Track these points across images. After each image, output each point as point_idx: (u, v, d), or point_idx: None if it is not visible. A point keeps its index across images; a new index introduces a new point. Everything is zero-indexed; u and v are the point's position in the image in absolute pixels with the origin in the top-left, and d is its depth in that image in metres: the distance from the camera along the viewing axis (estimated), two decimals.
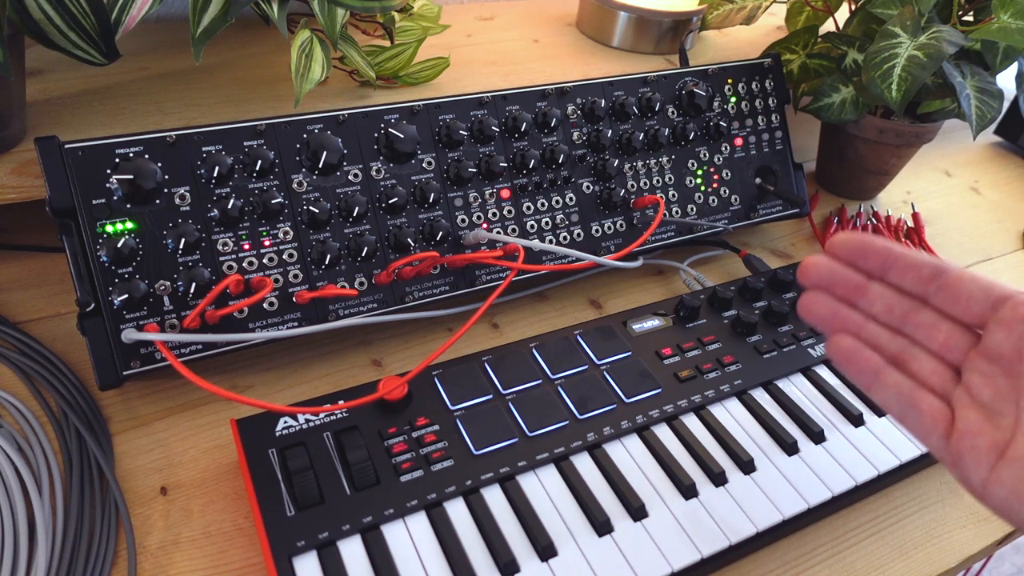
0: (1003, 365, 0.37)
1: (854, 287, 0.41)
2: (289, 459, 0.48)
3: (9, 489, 0.48)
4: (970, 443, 0.37)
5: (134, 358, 0.53)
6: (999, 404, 0.37)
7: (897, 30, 0.69)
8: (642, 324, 0.63)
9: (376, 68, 0.72)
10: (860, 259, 0.41)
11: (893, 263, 0.41)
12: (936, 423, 0.38)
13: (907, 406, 0.39)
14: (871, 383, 0.40)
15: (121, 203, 0.52)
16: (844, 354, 0.41)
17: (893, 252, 0.41)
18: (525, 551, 0.46)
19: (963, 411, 0.38)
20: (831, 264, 0.42)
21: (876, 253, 0.41)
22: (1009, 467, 0.35)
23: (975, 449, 0.36)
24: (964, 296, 0.39)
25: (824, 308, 0.42)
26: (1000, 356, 0.37)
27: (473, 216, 0.64)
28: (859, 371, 0.40)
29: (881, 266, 0.41)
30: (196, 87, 0.71)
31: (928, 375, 0.39)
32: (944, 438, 0.38)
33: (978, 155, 1.09)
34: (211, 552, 0.48)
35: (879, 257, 0.41)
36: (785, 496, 0.52)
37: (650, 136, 0.71)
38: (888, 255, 0.41)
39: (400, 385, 0.52)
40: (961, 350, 0.39)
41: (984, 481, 0.36)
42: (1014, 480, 0.35)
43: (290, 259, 0.57)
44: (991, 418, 0.37)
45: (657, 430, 0.55)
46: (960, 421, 0.37)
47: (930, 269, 0.40)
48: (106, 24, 0.52)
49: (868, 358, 0.40)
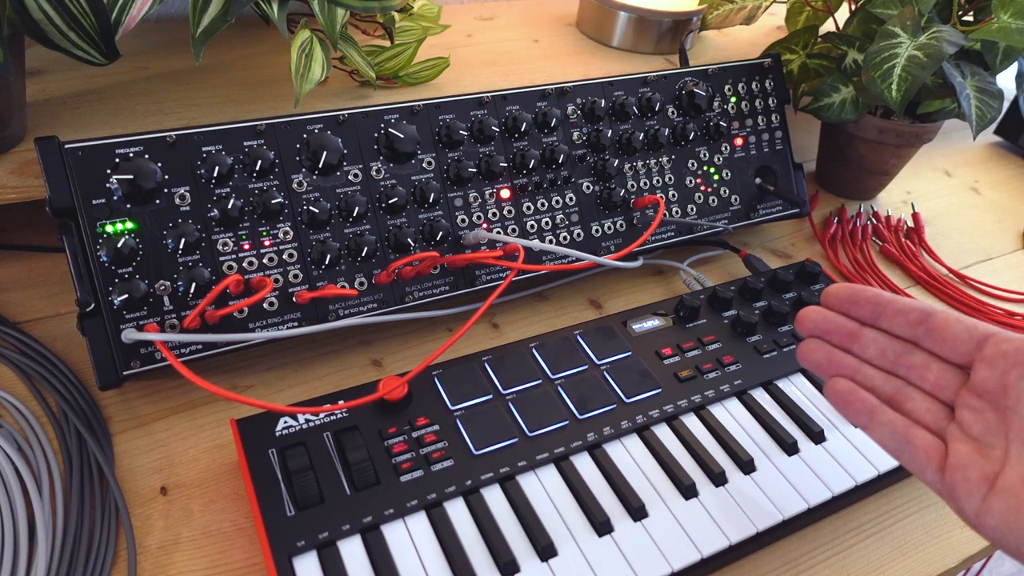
0: (990, 400, 0.39)
1: (847, 334, 0.45)
2: (289, 459, 0.48)
3: (9, 489, 0.48)
4: (962, 475, 0.38)
5: (134, 358, 0.53)
6: (989, 437, 0.39)
7: (897, 30, 0.69)
8: (642, 324, 0.63)
9: (376, 68, 0.72)
10: (852, 308, 0.45)
11: (883, 310, 0.44)
12: (930, 458, 0.40)
13: (902, 443, 0.41)
14: (867, 422, 0.43)
15: (121, 203, 0.52)
16: (840, 396, 0.44)
17: (882, 299, 0.44)
18: (525, 551, 0.46)
19: (955, 445, 0.39)
20: (825, 314, 0.46)
21: (867, 301, 0.44)
22: (999, 497, 0.37)
23: (967, 481, 0.38)
24: (951, 337, 0.41)
25: (820, 354, 0.45)
26: (987, 392, 0.39)
27: (473, 216, 0.64)
28: (855, 412, 0.43)
29: (872, 313, 0.44)
30: (196, 87, 0.71)
31: (922, 413, 0.42)
32: (939, 472, 0.39)
33: (978, 155, 1.09)
34: (211, 552, 0.48)
35: (869, 305, 0.44)
36: (785, 496, 0.52)
37: (650, 136, 0.71)
38: (877, 302, 0.44)
39: (400, 385, 0.52)
40: (952, 389, 0.41)
41: (977, 511, 0.38)
42: (1003, 509, 0.36)
43: (290, 259, 0.57)
44: (981, 451, 0.38)
45: (657, 430, 0.55)
46: (952, 455, 0.39)
47: (918, 314, 0.43)
48: (106, 24, 0.52)
49: (864, 399, 0.43)
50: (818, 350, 0.45)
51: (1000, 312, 0.77)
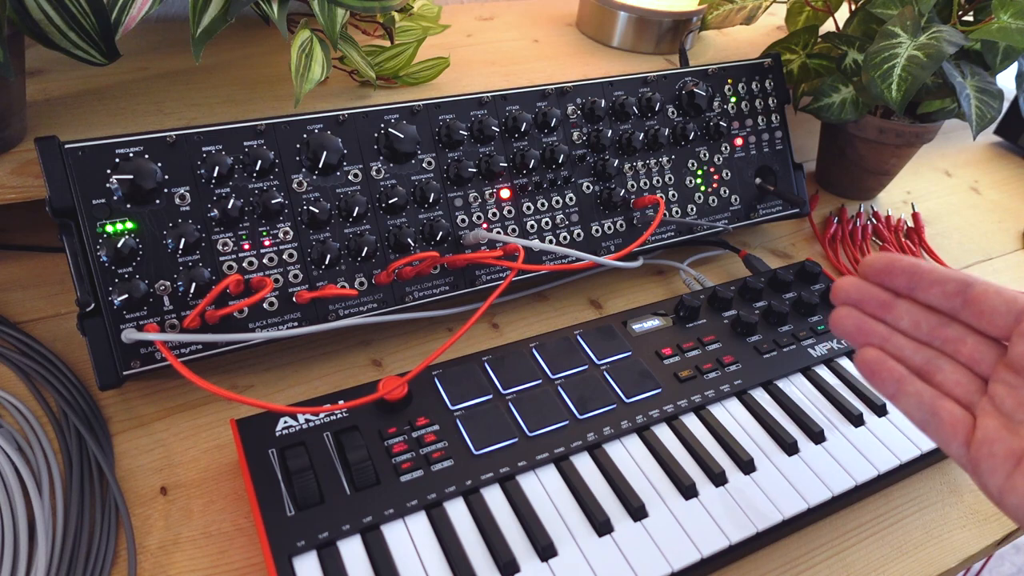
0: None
1: (881, 304, 0.43)
2: (289, 459, 0.48)
3: (9, 489, 0.48)
4: (988, 450, 0.37)
5: (134, 358, 0.53)
6: (1020, 413, 0.37)
7: (897, 30, 0.69)
8: (642, 324, 0.63)
9: (376, 68, 0.72)
10: (888, 278, 0.43)
11: (919, 280, 0.42)
12: (956, 430, 0.39)
13: (928, 414, 0.40)
14: (894, 392, 0.41)
15: (121, 203, 0.52)
16: (868, 365, 0.42)
17: (919, 269, 0.42)
18: (525, 551, 0.46)
19: (984, 419, 0.38)
20: (859, 284, 0.44)
21: (902, 271, 0.42)
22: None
23: (992, 456, 0.37)
24: (988, 310, 0.39)
25: (851, 322, 0.44)
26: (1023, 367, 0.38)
27: (473, 216, 0.64)
28: (883, 381, 0.42)
29: (908, 283, 0.42)
30: (196, 87, 0.71)
31: (952, 385, 0.40)
32: (964, 445, 0.38)
33: (978, 155, 1.09)
34: (211, 552, 0.48)
35: (905, 275, 0.42)
36: (785, 496, 0.52)
37: (650, 136, 0.71)
38: (914, 272, 0.42)
39: (400, 385, 0.52)
40: (988, 363, 0.40)
41: (1000, 488, 0.37)
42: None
43: (290, 259, 0.57)
44: (1011, 427, 0.37)
45: (657, 430, 0.55)
46: (980, 429, 0.38)
47: (955, 284, 0.41)
48: (106, 24, 0.52)
49: (892, 368, 0.42)
50: (848, 317, 0.44)
51: None
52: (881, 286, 0.44)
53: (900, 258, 0.43)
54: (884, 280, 0.43)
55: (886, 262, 0.43)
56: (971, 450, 0.38)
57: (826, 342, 0.63)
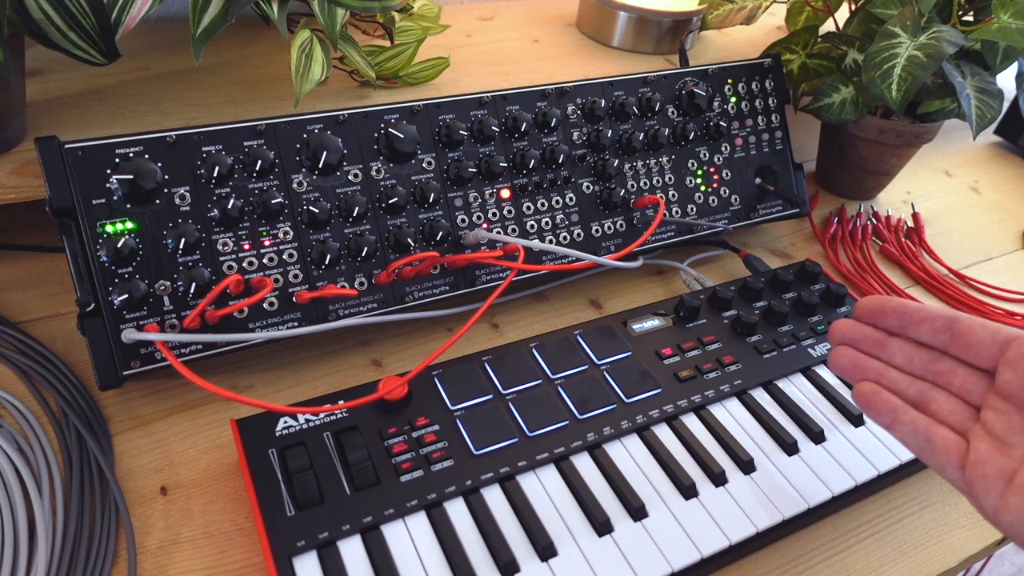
0: (1015, 402, 0.40)
1: (875, 343, 0.47)
2: (289, 459, 0.48)
3: (9, 489, 0.48)
4: (981, 471, 0.39)
5: (134, 358, 0.53)
6: (1011, 436, 0.39)
7: (897, 30, 0.69)
8: (642, 324, 0.63)
9: (376, 68, 0.72)
10: (880, 318, 0.47)
11: (909, 319, 0.46)
12: (950, 455, 0.41)
13: (923, 440, 0.42)
14: (891, 422, 0.44)
15: (121, 203, 0.52)
16: (865, 397, 0.46)
17: (908, 308, 0.46)
18: (525, 551, 0.46)
19: (976, 443, 0.40)
20: (854, 325, 0.48)
21: (893, 311, 0.46)
22: (1016, 494, 0.38)
23: (985, 477, 0.39)
24: (975, 342, 0.42)
25: (847, 360, 0.47)
26: (1011, 394, 0.40)
27: (473, 216, 0.64)
28: (879, 412, 0.45)
29: (899, 322, 0.46)
30: (196, 87, 0.71)
31: (946, 414, 0.43)
32: (959, 468, 0.41)
33: (978, 155, 1.09)
34: (211, 552, 0.48)
35: (896, 314, 0.46)
36: (785, 496, 0.52)
37: (650, 136, 0.71)
38: (904, 311, 0.46)
39: (400, 385, 0.52)
40: (978, 392, 0.42)
41: (995, 507, 0.38)
42: (1020, 505, 0.37)
43: (290, 259, 0.57)
44: (1002, 449, 0.39)
45: (657, 430, 0.55)
46: (973, 452, 0.40)
47: (943, 321, 0.44)
48: (106, 24, 0.52)
49: (887, 399, 0.45)
50: (844, 355, 0.47)
51: (1000, 312, 0.77)
52: (875, 326, 0.47)
53: (890, 300, 0.46)
54: (877, 320, 0.47)
55: (877, 304, 0.47)
56: (965, 472, 0.40)
57: (826, 342, 0.63)
